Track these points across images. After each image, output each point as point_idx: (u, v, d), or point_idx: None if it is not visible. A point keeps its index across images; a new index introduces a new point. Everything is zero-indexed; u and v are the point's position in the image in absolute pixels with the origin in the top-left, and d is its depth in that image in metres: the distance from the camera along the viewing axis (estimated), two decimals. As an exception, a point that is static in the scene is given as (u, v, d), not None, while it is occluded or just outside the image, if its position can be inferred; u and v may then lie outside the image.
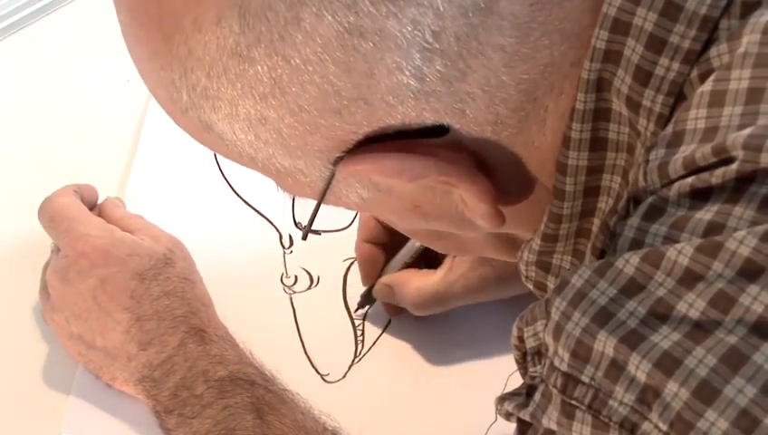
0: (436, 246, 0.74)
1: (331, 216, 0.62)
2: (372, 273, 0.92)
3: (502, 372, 0.76)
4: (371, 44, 0.49)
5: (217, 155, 1.00)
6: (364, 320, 0.92)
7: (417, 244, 0.89)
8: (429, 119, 0.53)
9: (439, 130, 0.53)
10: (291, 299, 0.93)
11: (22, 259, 0.94)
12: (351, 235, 0.95)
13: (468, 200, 0.56)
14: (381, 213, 0.64)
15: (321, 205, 0.59)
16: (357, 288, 0.93)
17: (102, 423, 0.85)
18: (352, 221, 0.68)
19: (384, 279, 0.91)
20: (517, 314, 0.55)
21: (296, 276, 0.94)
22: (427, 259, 0.90)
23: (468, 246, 0.68)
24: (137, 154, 1.02)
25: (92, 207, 0.92)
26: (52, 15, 1.15)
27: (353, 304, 0.93)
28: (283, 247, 0.96)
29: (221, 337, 0.83)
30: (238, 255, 0.96)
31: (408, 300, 0.88)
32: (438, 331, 0.91)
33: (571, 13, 0.52)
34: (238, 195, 1.00)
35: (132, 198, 0.98)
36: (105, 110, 1.07)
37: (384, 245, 0.91)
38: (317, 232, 0.66)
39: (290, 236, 0.97)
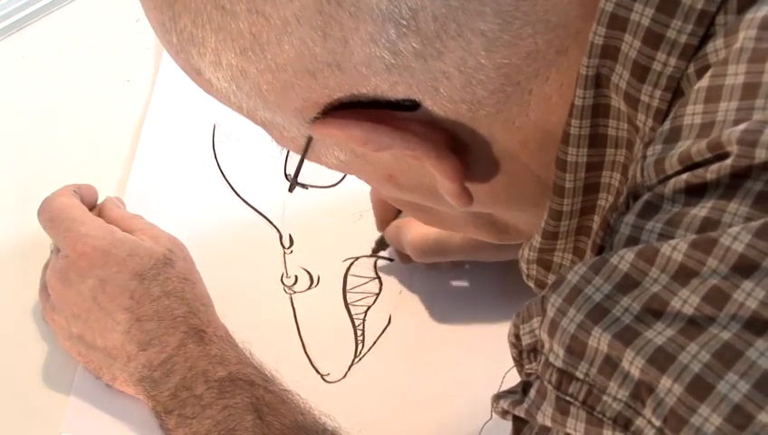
0: (419, 218, 0.75)
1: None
2: (386, 217, 0.93)
3: (499, 370, 0.76)
4: (348, 14, 0.49)
5: (217, 155, 1.02)
6: (364, 320, 0.92)
7: None
8: (401, 93, 0.53)
9: (412, 105, 0.54)
10: (291, 299, 0.93)
11: (22, 259, 0.94)
12: (351, 235, 0.96)
13: (436, 176, 0.57)
14: (360, 177, 0.64)
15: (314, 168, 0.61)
16: (357, 288, 0.93)
17: (102, 423, 0.85)
18: (341, 180, 0.68)
19: (394, 223, 0.92)
20: (515, 313, 0.55)
21: (296, 276, 0.94)
22: None
23: (449, 221, 0.68)
24: (137, 154, 1.02)
25: (92, 207, 0.92)
26: (52, 15, 1.14)
27: (355, 298, 0.93)
28: (283, 247, 0.96)
29: (221, 337, 0.83)
30: (238, 255, 0.96)
31: (410, 244, 0.90)
32: (438, 330, 0.91)
33: (558, 5, 0.52)
34: (238, 195, 1.00)
35: (132, 198, 0.98)
36: (105, 110, 1.07)
37: None
38: (304, 186, 0.67)
39: (290, 236, 0.97)
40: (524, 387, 0.52)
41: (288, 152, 0.64)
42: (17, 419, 0.86)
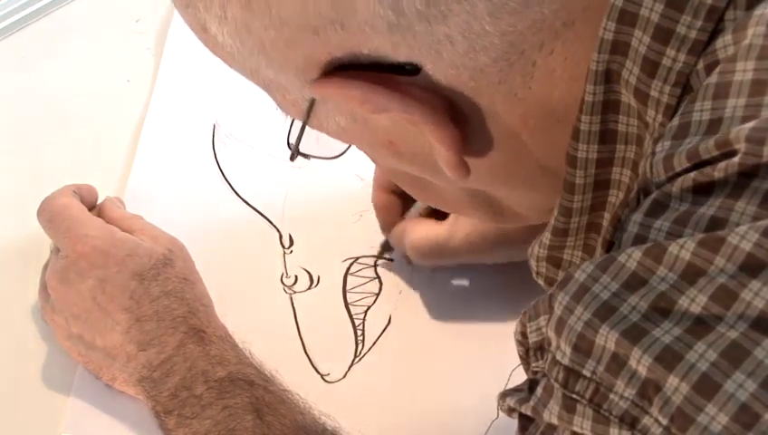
0: (416, 195, 0.75)
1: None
2: (390, 220, 0.93)
3: (502, 370, 0.77)
4: None
5: (217, 155, 1.02)
6: (364, 320, 0.92)
7: None
8: (403, 55, 0.53)
9: (414, 69, 0.54)
10: (291, 299, 0.93)
11: (22, 259, 0.94)
12: (351, 235, 0.96)
13: (434, 145, 0.57)
14: (358, 144, 0.64)
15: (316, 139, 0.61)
16: (357, 288, 0.93)
17: (102, 423, 0.85)
18: (344, 151, 0.68)
19: (399, 225, 0.92)
20: (519, 311, 0.55)
21: (296, 276, 0.94)
22: (442, 211, 0.90)
23: (446, 198, 0.68)
24: (137, 154, 1.02)
25: (92, 207, 0.91)
26: (52, 15, 1.15)
27: (355, 298, 0.93)
28: (283, 247, 0.96)
29: (220, 337, 0.83)
30: (238, 255, 0.96)
31: (412, 247, 0.90)
32: (439, 330, 0.91)
33: None
34: (238, 195, 1.00)
35: (132, 198, 0.98)
36: (105, 110, 1.07)
37: (402, 193, 0.92)
38: (306, 156, 0.67)
39: (290, 236, 0.97)
40: (531, 385, 0.52)
41: (292, 123, 0.63)
42: (17, 419, 0.85)
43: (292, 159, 0.66)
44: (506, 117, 0.56)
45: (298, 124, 0.62)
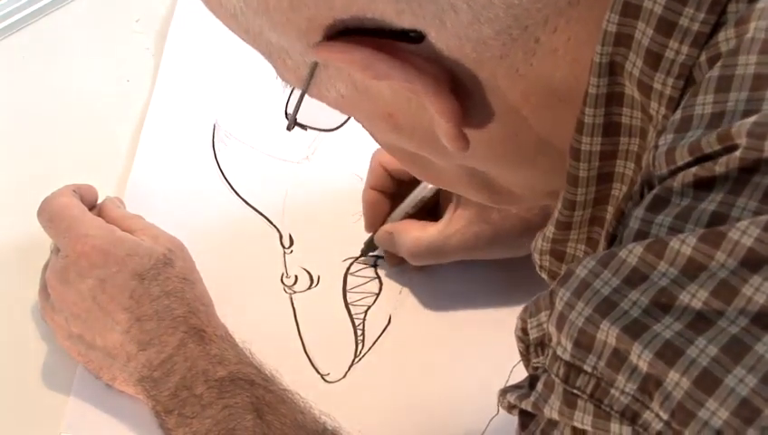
0: (414, 171, 0.74)
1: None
2: (376, 220, 0.94)
3: (503, 368, 0.76)
4: None
5: (217, 155, 1.02)
6: (364, 320, 0.92)
7: (421, 195, 0.91)
8: (407, 22, 0.53)
9: (417, 37, 0.53)
10: (291, 299, 0.93)
11: (22, 259, 0.94)
12: (351, 235, 0.96)
13: (434, 116, 0.57)
14: (357, 116, 0.64)
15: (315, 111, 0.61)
16: (357, 288, 0.93)
17: (102, 423, 0.85)
18: (344, 123, 0.68)
19: (386, 226, 0.92)
20: (519, 309, 0.55)
21: (296, 276, 0.94)
22: (430, 211, 0.91)
23: (443, 177, 0.68)
24: (137, 154, 1.02)
25: (92, 207, 0.92)
26: (52, 15, 1.15)
27: (355, 298, 0.93)
28: (283, 247, 0.96)
29: (221, 337, 0.83)
30: (238, 255, 0.96)
31: (406, 249, 0.90)
32: (439, 329, 0.91)
33: None
34: (238, 195, 1.00)
35: (132, 198, 0.98)
36: (105, 110, 1.07)
37: (391, 194, 0.93)
38: (303, 126, 0.66)
39: (290, 236, 0.97)
40: (531, 381, 0.52)
41: (291, 92, 0.63)
42: (17, 419, 0.86)
43: (289, 128, 0.66)
44: (507, 92, 0.56)
45: (297, 95, 0.62)
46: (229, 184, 1.01)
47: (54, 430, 0.84)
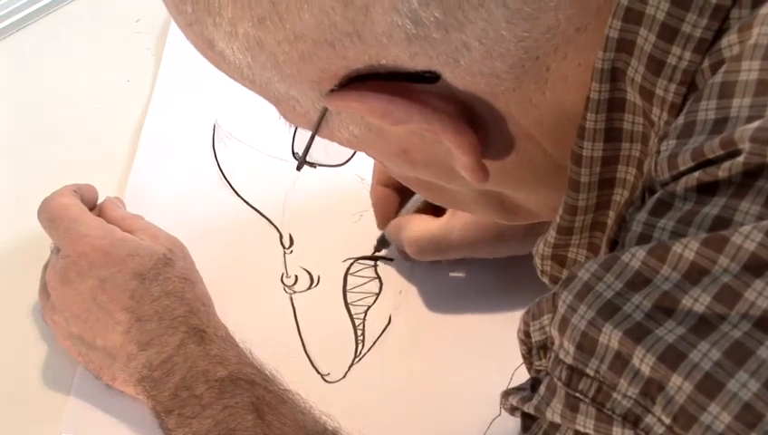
0: (428, 196, 0.75)
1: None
2: (386, 215, 0.93)
3: (505, 369, 0.76)
4: None
5: (217, 155, 1.02)
6: (364, 320, 0.92)
7: None
8: (421, 64, 0.53)
9: (431, 77, 0.54)
10: (291, 299, 0.93)
11: (22, 259, 0.94)
12: (351, 235, 0.96)
13: (453, 151, 0.57)
14: (372, 154, 0.64)
15: (323, 146, 0.61)
16: (357, 288, 0.93)
17: (102, 423, 0.85)
18: (349, 158, 0.68)
19: (395, 221, 0.92)
20: (521, 311, 0.55)
21: (296, 276, 0.94)
22: (439, 206, 0.90)
23: (458, 200, 0.68)
24: (137, 154, 1.02)
25: (92, 207, 0.92)
26: (52, 15, 1.15)
27: (355, 298, 0.93)
28: (283, 247, 0.96)
29: (221, 337, 0.83)
30: (238, 255, 0.96)
31: (408, 242, 0.90)
32: (439, 329, 0.91)
33: None
34: (238, 195, 1.00)
35: (132, 198, 0.98)
36: (105, 110, 1.07)
37: (399, 188, 0.93)
38: (312, 165, 0.67)
39: (290, 236, 0.97)
40: (534, 384, 0.53)
41: (296, 130, 0.63)
42: (17, 419, 0.85)
43: (298, 168, 0.66)
44: (522, 120, 0.56)
45: (302, 132, 0.62)
46: (229, 184, 1.01)
47: (54, 430, 0.84)
